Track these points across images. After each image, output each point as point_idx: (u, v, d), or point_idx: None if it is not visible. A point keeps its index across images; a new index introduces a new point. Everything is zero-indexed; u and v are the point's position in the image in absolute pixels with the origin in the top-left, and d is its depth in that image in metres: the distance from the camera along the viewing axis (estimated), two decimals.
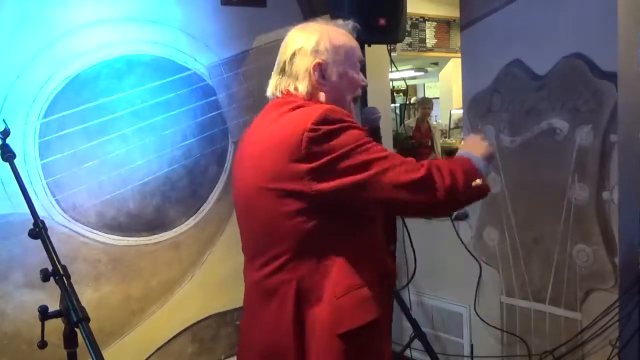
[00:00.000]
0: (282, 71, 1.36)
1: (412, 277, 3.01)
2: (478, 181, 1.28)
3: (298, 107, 1.28)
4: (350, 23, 1.41)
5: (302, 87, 1.33)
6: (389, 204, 1.28)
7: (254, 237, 1.37)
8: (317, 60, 1.32)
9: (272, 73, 1.40)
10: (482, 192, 1.31)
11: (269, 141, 1.27)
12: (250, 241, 1.39)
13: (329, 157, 1.19)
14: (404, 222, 3.01)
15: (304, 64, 1.33)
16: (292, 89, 1.34)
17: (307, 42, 1.34)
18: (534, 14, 2.44)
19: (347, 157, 1.20)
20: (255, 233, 1.36)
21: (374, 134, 1.52)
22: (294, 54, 1.34)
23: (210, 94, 2.78)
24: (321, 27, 1.37)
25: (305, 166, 1.20)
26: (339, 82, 1.34)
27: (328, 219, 1.26)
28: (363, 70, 1.43)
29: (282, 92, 1.36)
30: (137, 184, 2.57)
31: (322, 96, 1.34)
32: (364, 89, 1.42)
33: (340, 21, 1.41)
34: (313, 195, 1.21)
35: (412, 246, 2.89)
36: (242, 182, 1.37)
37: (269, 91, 1.40)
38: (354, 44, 1.39)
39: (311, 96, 1.34)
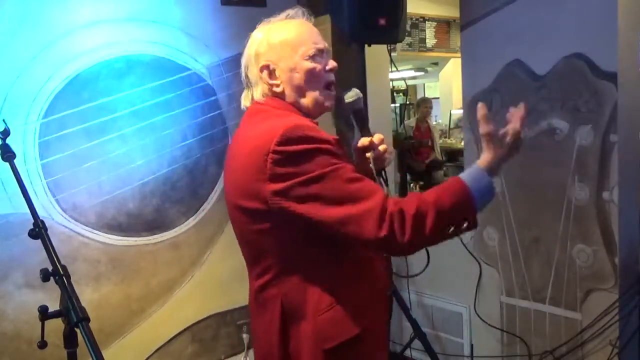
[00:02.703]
0: (246, 84, 1.39)
1: (423, 270, 3.00)
2: (464, 225, 1.18)
3: (269, 117, 1.28)
4: (299, 9, 1.38)
5: (259, 92, 1.34)
6: (350, 241, 1.23)
7: (243, 247, 1.38)
8: (262, 63, 1.32)
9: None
10: (461, 232, 1.20)
11: (240, 157, 1.27)
12: (242, 250, 1.40)
13: (292, 181, 1.17)
14: None
15: (254, 71, 1.34)
16: (256, 97, 1.36)
17: (250, 49, 1.35)
18: (534, 14, 2.43)
19: (310, 183, 1.16)
20: (242, 243, 1.37)
21: (357, 117, 1.44)
22: (247, 66, 1.37)
23: (210, 94, 2.78)
24: (265, 27, 1.36)
25: (269, 187, 1.18)
26: (291, 77, 1.31)
27: (304, 235, 1.23)
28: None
29: (251, 101, 1.38)
30: (137, 184, 2.57)
31: (285, 96, 1.33)
32: (333, 71, 1.33)
33: (289, 11, 1.38)
34: (277, 214, 1.20)
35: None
36: (227, 191, 1.38)
37: (242, 104, 1.41)
38: (302, 32, 1.33)
39: (272, 98, 1.33)
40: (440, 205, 1.16)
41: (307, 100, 1.32)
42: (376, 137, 1.40)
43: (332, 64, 1.33)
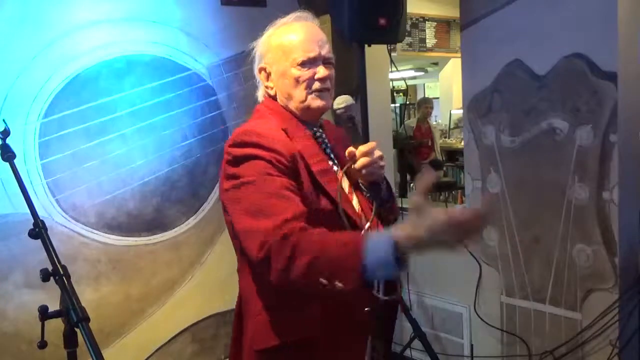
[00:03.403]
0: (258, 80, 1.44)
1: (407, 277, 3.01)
2: (337, 283, 1.03)
3: (251, 120, 1.36)
4: (303, 13, 1.37)
5: (260, 92, 1.41)
6: None
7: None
8: (260, 65, 1.38)
9: None
10: (333, 291, 1.04)
11: None
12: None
13: (228, 182, 1.23)
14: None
15: (255, 71, 1.40)
16: (258, 96, 1.42)
17: (255, 49, 1.40)
18: (534, 14, 2.43)
19: (238, 187, 1.21)
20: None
21: (349, 124, 1.39)
22: (254, 63, 1.42)
23: (210, 94, 2.78)
24: (271, 29, 1.39)
25: (225, 183, 1.25)
26: (281, 82, 1.34)
27: None
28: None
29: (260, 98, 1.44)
30: (137, 184, 2.57)
31: (278, 98, 1.37)
32: (324, 81, 1.31)
33: (300, 13, 1.38)
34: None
35: None
36: None
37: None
38: (299, 38, 1.32)
39: (269, 99, 1.38)
40: (324, 252, 1.06)
41: (294, 105, 1.34)
42: (366, 147, 1.31)
43: (322, 73, 1.30)
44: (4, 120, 1.66)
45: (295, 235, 1.09)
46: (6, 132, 1.59)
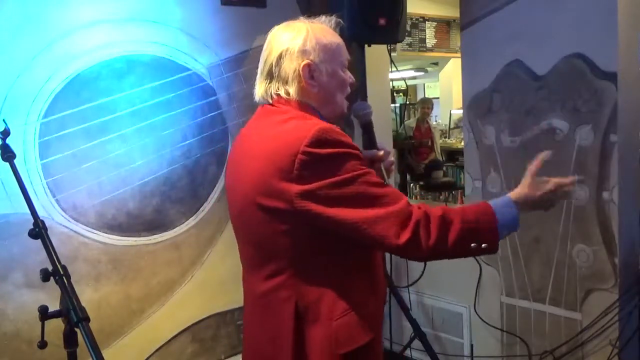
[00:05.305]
0: (270, 74, 1.32)
1: (417, 280, 3.01)
2: (483, 246, 1.21)
3: (291, 118, 1.25)
4: (333, 19, 1.37)
5: (293, 89, 1.29)
6: (369, 246, 1.27)
7: (250, 247, 1.35)
8: (306, 60, 1.28)
9: (258, 77, 1.36)
10: (479, 252, 1.23)
11: (261, 155, 1.24)
12: (246, 250, 1.38)
13: (319, 183, 1.16)
14: None
15: (292, 66, 1.28)
16: (282, 93, 1.30)
17: (293, 42, 1.29)
18: (534, 14, 2.43)
19: (339, 186, 1.17)
20: (251, 243, 1.34)
21: (367, 130, 1.50)
22: (280, 56, 1.29)
23: (210, 94, 2.78)
24: (306, 26, 1.32)
25: (295, 187, 1.17)
26: (328, 82, 1.31)
27: (320, 238, 1.24)
28: (351, 68, 1.40)
29: (272, 96, 1.32)
30: (137, 184, 2.57)
31: (313, 98, 1.30)
32: (352, 87, 1.39)
33: (323, 17, 1.36)
34: (301, 216, 1.19)
35: None
36: (235, 191, 1.35)
37: (258, 96, 1.35)
38: (340, 41, 1.35)
39: (302, 98, 1.30)
40: (466, 218, 1.20)
41: (332, 105, 1.34)
42: (383, 151, 1.46)
43: (353, 79, 1.38)
44: (4, 120, 1.66)
45: (428, 209, 1.19)
46: (6, 132, 1.59)
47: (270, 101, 1.33)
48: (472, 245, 1.20)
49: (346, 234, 1.20)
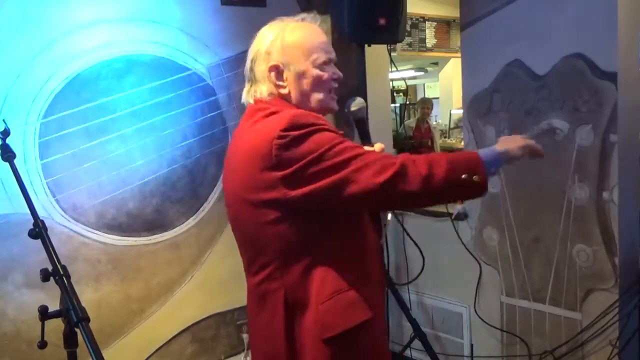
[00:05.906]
0: (249, 76, 1.36)
1: (417, 277, 3.01)
2: (474, 177, 1.21)
3: (272, 113, 1.27)
4: (318, 16, 1.38)
5: (265, 91, 1.32)
6: (363, 203, 1.27)
7: (244, 244, 1.37)
8: (272, 62, 1.30)
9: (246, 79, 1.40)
10: (472, 186, 1.23)
11: (243, 150, 1.27)
12: (242, 247, 1.39)
13: (299, 163, 1.18)
14: (403, 228, 3.02)
15: (261, 68, 1.32)
16: (258, 95, 1.33)
17: (262, 44, 1.33)
18: (534, 14, 2.43)
19: (318, 161, 1.18)
20: (244, 240, 1.36)
21: (360, 126, 1.49)
22: (253, 59, 1.34)
23: (210, 94, 2.78)
24: (279, 26, 1.34)
25: (277, 174, 1.19)
26: (298, 82, 1.31)
27: (308, 224, 1.25)
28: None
29: (253, 97, 1.35)
30: (137, 184, 2.57)
31: (288, 97, 1.32)
32: (339, 82, 1.36)
33: (304, 15, 1.37)
34: (288, 202, 1.20)
35: (418, 248, 2.90)
36: (228, 190, 1.38)
37: (243, 98, 1.39)
38: (316, 39, 1.34)
39: (278, 99, 1.32)
40: (450, 155, 1.25)
41: (311, 104, 1.33)
42: (377, 147, 1.43)
43: (339, 74, 1.36)
44: (4, 120, 1.66)
45: (413, 157, 1.21)
46: (6, 132, 1.59)
47: (252, 101, 1.36)
48: (463, 176, 1.21)
49: (338, 204, 1.22)
